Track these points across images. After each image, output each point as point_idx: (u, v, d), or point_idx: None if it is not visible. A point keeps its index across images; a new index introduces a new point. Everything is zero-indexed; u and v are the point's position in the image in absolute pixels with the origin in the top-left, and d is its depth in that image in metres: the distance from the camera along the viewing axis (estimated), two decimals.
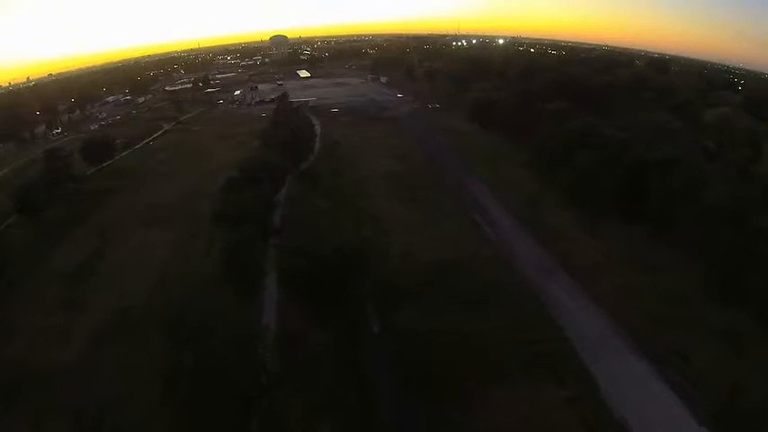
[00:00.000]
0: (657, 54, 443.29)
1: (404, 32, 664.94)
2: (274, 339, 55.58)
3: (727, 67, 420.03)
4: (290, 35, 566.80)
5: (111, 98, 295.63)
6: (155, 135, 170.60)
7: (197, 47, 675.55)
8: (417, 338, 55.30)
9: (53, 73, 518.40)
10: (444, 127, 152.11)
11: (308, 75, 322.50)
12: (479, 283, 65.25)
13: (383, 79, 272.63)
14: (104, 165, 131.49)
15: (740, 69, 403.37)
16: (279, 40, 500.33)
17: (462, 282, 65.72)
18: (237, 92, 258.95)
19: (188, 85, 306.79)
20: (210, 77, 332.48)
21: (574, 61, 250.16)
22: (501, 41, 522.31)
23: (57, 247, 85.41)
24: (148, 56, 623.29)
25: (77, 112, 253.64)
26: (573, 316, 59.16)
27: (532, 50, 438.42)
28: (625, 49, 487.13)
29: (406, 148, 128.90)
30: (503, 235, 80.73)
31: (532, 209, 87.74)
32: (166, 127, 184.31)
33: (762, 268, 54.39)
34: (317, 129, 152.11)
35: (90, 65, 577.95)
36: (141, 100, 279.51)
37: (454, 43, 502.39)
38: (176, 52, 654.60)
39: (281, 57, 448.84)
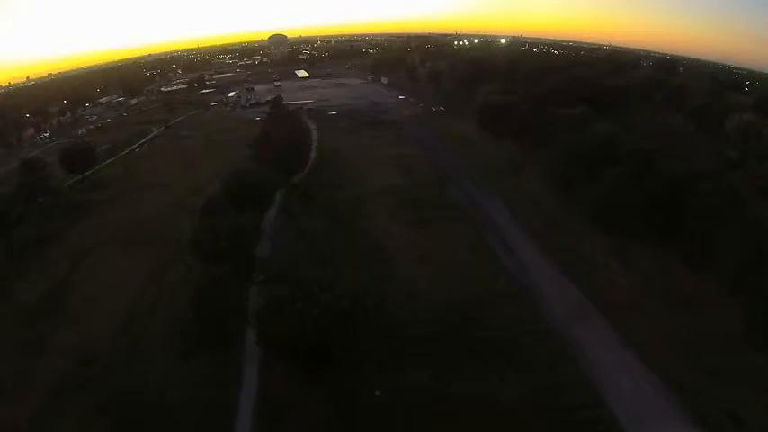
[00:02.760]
0: (659, 54, 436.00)
1: (405, 32, 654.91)
2: (253, 413, 46.36)
3: (729, 66, 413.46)
4: (290, 35, 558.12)
5: (104, 99, 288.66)
6: (142, 141, 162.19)
7: (196, 47, 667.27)
8: (428, 406, 46.30)
9: (53, 73, 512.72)
10: (451, 133, 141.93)
11: (307, 75, 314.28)
12: (501, 332, 56.19)
13: (384, 80, 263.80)
14: (86, 175, 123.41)
15: (742, 69, 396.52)
16: (278, 40, 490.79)
17: (480, 329, 56.52)
18: (232, 93, 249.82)
19: (183, 86, 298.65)
20: (206, 78, 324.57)
21: (583, 62, 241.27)
22: (503, 41, 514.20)
23: (23, 272, 76.81)
24: (149, 55, 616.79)
25: (68, 114, 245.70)
26: (611, 373, 50.54)
27: (535, 50, 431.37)
28: (627, 48, 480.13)
29: (410, 158, 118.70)
30: (524, 265, 71.04)
31: (555, 232, 79.25)
32: (155, 132, 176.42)
33: None
34: (314, 134, 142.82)
35: (90, 64, 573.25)
36: (134, 101, 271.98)
37: (456, 43, 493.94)
38: (177, 52, 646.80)
39: (279, 56, 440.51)
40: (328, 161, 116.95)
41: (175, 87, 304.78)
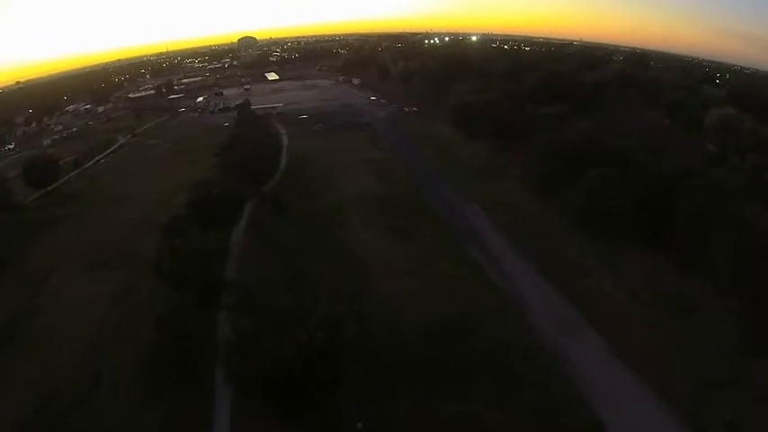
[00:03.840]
0: (629, 48, 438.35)
1: (375, 31, 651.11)
2: None
3: (699, 59, 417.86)
4: (260, 36, 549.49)
5: (71, 108, 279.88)
6: (108, 151, 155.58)
7: (165, 51, 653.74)
8: None
9: (21, 81, 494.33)
10: (426, 134, 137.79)
11: (277, 77, 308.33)
12: (488, 349, 52.55)
13: (356, 80, 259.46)
14: (49, 189, 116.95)
15: (712, 62, 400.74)
16: (247, 42, 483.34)
17: (467, 348, 52.79)
18: (200, 98, 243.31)
19: (151, 92, 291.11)
20: (175, 83, 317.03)
21: (557, 59, 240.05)
22: (474, 39, 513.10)
23: None
24: (118, 60, 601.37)
25: (34, 124, 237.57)
26: (607, 390, 47.38)
27: (506, 47, 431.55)
28: (597, 43, 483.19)
29: (385, 163, 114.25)
30: (509, 275, 67.32)
31: (539, 238, 75.86)
32: (121, 140, 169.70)
33: None
34: (285, 140, 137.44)
35: (60, 71, 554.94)
36: (101, 109, 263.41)
37: (426, 41, 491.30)
38: (146, 56, 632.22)
39: (249, 59, 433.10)
40: (300, 168, 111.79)
41: (143, 93, 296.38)
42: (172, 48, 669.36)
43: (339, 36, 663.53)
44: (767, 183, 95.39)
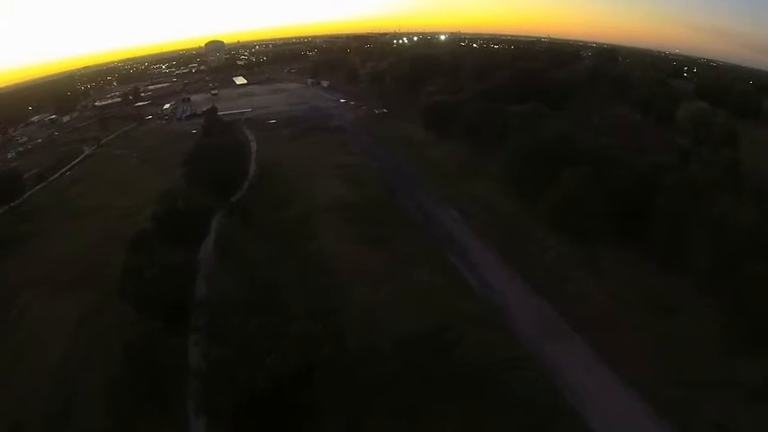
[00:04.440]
0: (596, 44, 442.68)
1: (343, 33, 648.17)
2: None
3: (667, 53, 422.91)
4: (227, 40, 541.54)
5: (36, 118, 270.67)
6: (73, 162, 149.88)
7: (133, 56, 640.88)
8: None
9: None
10: (397, 136, 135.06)
11: (245, 81, 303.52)
12: (472, 362, 50.23)
13: (324, 83, 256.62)
14: (13, 204, 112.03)
15: (679, 55, 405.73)
16: (215, 46, 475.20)
17: (449, 362, 50.43)
18: (167, 105, 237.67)
19: (118, 99, 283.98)
20: (142, 89, 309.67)
21: (526, 56, 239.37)
22: (442, 38, 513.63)
23: None
24: (84, 67, 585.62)
25: None
26: (596, 399, 45.99)
27: (475, 46, 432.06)
28: (565, 40, 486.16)
29: (357, 167, 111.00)
30: (489, 282, 65.17)
31: (518, 241, 74.19)
32: (87, 151, 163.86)
33: None
34: (253, 146, 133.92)
35: (25, 79, 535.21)
36: (66, 119, 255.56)
37: (395, 41, 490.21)
38: (113, 63, 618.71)
39: (217, 63, 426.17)
40: (269, 175, 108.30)
41: (110, 101, 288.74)
42: (139, 53, 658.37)
43: (307, 38, 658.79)
44: (741, 177, 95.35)
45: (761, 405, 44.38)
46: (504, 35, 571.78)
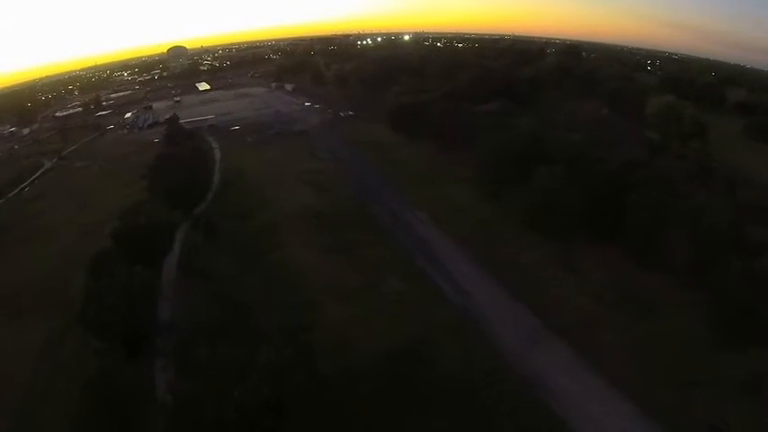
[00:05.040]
0: (559, 40, 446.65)
1: (307, 35, 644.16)
2: None
3: (629, 48, 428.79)
4: (190, 45, 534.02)
5: None
6: (32, 177, 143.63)
7: (94, 65, 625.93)
8: None
9: None
10: (365, 139, 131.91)
11: (209, 87, 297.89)
12: (451, 375, 47.84)
13: (289, 86, 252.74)
14: None
15: (641, 49, 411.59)
16: (177, 52, 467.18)
17: (428, 376, 47.80)
18: (129, 114, 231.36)
19: (79, 109, 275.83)
20: (103, 98, 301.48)
21: (492, 55, 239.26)
22: (407, 38, 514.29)
23: None
24: (46, 77, 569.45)
25: None
26: (584, 409, 44.03)
27: (439, 45, 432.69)
28: (529, 37, 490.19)
29: (324, 173, 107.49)
30: (464, 289, 62.39)
31: (492, 244, 71.95)
32: (47, 164, 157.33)
33: None
34: (217, 155, 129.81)
35: None
36: (26, 131, 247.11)
37: (359, 43, 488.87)
38: (75, 71, 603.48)
39: (180, 69, 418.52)
40: (234, 184, 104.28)
41: (71, 111, 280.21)
42: (101, 61, 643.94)
43: (271, 41, 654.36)
44: (712, 169, 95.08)
45: (752, 401, 44.06)
46: (467, 34, 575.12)
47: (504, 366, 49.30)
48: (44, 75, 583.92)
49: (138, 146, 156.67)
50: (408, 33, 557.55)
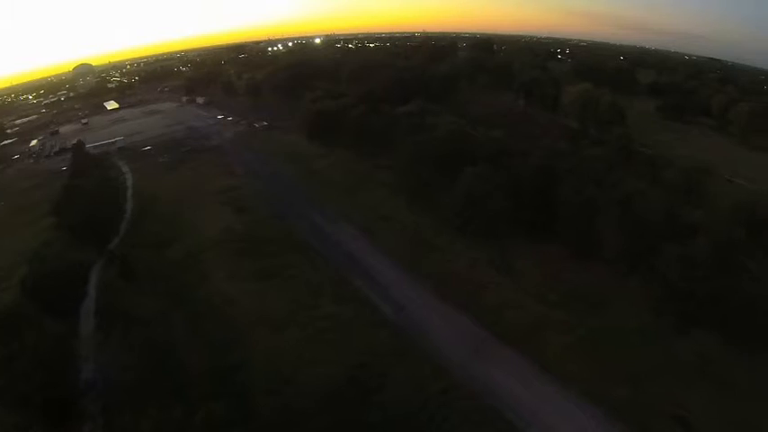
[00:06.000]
0: (469, 34, 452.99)
1: (217, 44, 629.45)
2: None
3: (538, 38, 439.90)
4: (97, 62, 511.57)
5: None
6: None
7: None
8: None
9: None
10: (281, 151, 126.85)
11: (117, 106, 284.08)
12: (402, 401, 45.06)
13: (200, 100, 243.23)
14: None
15: (549, 38, 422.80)
16: (83, 70, 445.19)
17: (378, 409, 44.71)
18: (34, 141, 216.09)
19: None
20: (7, 125, 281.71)
21: (403, 53, 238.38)
22: (318, 41, 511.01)
23: None
24: None
25: None
26: (543, 417, 43.31)
27: (351, 46, 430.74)
28: (440, 33, 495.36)
29: (241, 190, 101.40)
30: (402, 304, 59.49)
31: (424, 253, 70.11)
32: None
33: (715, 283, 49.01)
34: (129, 179, 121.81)
35: None
36: None
37: (270, 48, 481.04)
38: None
39: (87, 88, 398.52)
40: (148, 211, 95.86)
41: None
42: (3, 85, 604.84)
43: (180, 53, 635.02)
44: (635, 153, 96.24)
45: (707, 384, 45.38)
46: (378, 33, 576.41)
47: (456, 384, 47.19)
48: None
49: (46, 176, 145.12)
50: (319, 36, 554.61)
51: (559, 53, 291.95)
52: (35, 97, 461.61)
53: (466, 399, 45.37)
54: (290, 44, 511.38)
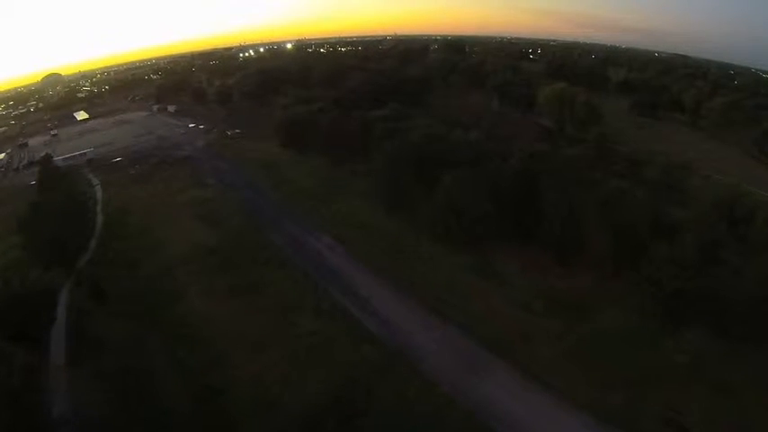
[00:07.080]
0: (441, 36, 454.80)
1: (187, 51, 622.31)
2: None
3: (510, 38, 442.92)
4: (66, 72, 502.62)
5: None
6: None
7: None
8: None
9: None
10: (254, 159, 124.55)
11: (87, 116, 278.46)
12: (391, 419, 43.09)
13: (171, 108, 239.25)
14: None
15: (522, 39, 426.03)
16: (52, 80, 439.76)
17: (366, 425, 42.69)
18: (2, 155, 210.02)
19: None
20: None
21: (375, 56, 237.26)
22: (289, 46, 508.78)
23: None
24: None
25: None
26: (536, 425, 42.53)
27: (322, 51, 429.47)
28: (411, 36, 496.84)
29: (214, 202, 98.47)
30: (386, 317, 57.39)
31: (404, 261, 68.60)
32: None
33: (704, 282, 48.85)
34: (98, 193, 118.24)
35: None
36: None
37: (241, 55, 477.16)
38: None
39: (56, 99, 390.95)
40: (119, 226, 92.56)
41: None
42: None
43: (150, 61, 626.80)
44: (613, 151, 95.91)
45: (701, 385, 45.21)
46: (349, 38, 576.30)
47: (446, 401, 45.54)
48: None
49: (14, 192, 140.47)
50: (290, 42, 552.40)
51: (531, 53, 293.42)
52: (3, 109, 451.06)
53: (456, 414, 43.89)
54: (262, 50, 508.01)
